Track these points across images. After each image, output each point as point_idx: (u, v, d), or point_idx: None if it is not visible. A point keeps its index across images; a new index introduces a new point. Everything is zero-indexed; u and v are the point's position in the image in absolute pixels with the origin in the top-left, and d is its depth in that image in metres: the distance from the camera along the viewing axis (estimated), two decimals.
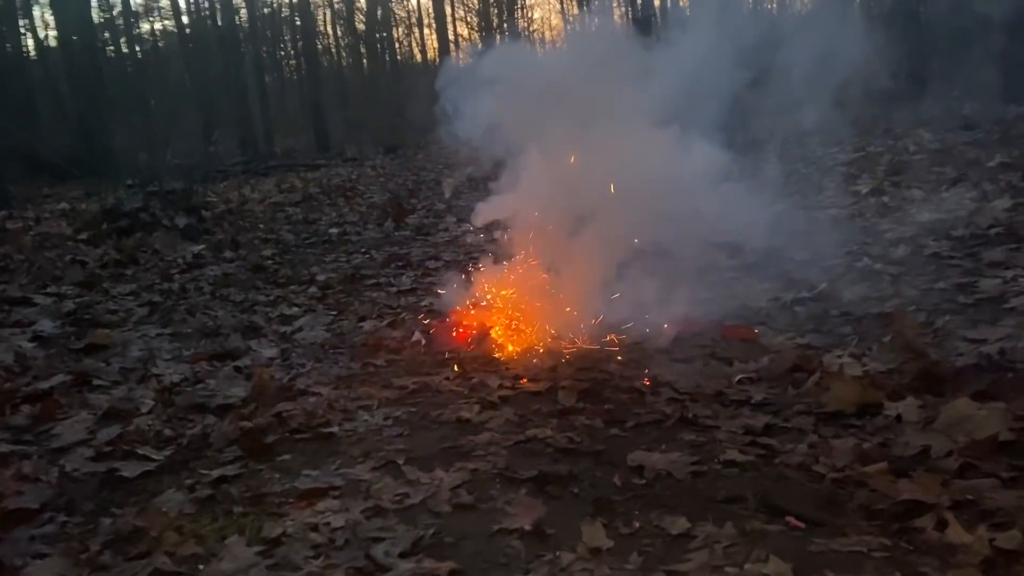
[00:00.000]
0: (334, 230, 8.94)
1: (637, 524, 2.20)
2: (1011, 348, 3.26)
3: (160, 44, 41.51)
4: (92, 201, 12.46)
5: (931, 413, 2.76)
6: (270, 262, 7.14)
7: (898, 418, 2.81)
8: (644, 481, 2.46)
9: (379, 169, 17.87)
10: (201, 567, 2.14)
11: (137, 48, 38.87)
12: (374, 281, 6.02)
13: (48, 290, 6.20)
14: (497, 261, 4.53)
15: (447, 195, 10.48)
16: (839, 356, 3.43)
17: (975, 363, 3.16)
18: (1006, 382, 2.94)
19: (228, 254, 7.65)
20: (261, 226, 9.63)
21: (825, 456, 2.53)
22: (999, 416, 2.60)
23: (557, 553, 2.07)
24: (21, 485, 2.69)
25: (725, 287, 4.81)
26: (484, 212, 4.30)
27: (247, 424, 3.05)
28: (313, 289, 5.85)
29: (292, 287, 6.00)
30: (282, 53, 42.99)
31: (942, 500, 2.20)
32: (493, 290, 4.24)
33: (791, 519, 2.18)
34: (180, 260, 7.37)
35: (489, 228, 5.32)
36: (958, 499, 2.21)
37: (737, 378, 3.32)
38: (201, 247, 7.99)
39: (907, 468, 2.42)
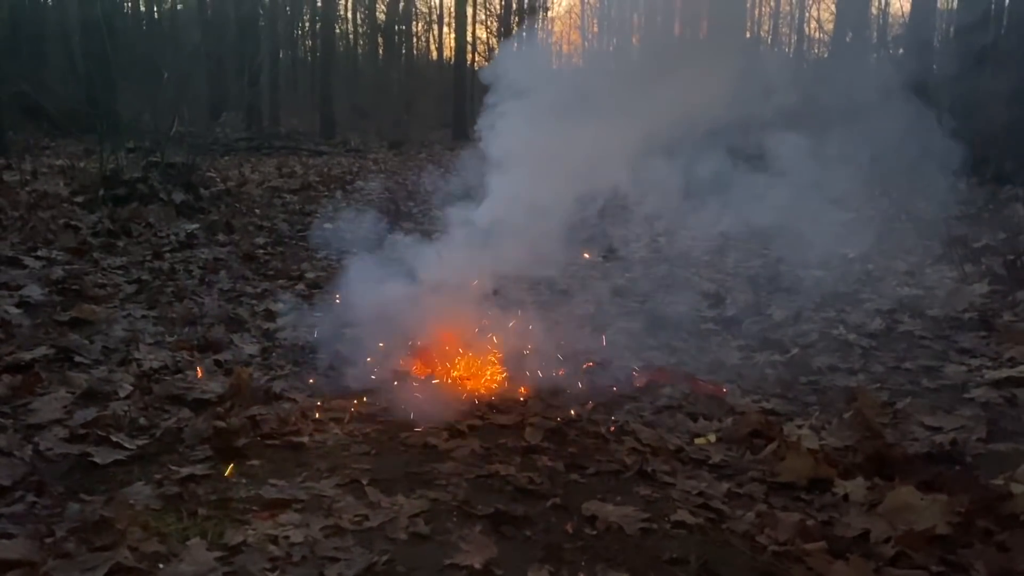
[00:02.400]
0: (329, 225, 9.00)
1: (582, 575, 2.30)
2: (963, 440, 3.39)
3: (179, 6, 41.51)
4: (92, 160, 12.49)
5: (877, 496, 2.88)
6: (262, 251, 7.22)
7: (845, 497, 2.93)
8: (595, 532, 2.56)
9: (381, 164, 17.97)
10: (161, 566, 2.22)
11: (155, 8, 38.88)
12: (363, 284, 6.08)
13: (39, 253, 6.25)
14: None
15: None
16: (800, 426, 3.55)
17: (927, 451, 3.29)
18: (952, 475, 3.07)
19: (221, 237, 7.72)
20: (257, 211, 9.70)
21: (770, 528, 2.64)
22: (940, 508, 2.72)
23: None
24: None
25: (701, 339, 4.93)
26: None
27: (221, 424, 3.13)
28: (301, 287, 5.93)
29: (281, 281, 6.08)
30: (299, 33, 43.05)
31: None
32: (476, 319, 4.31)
33: None
34: (173, 237, 7.43)
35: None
36: None
37: (698, 440, 3.43)
38: (195, 226, 8.05)
39: (845, 550, 2.54)
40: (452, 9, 31.95)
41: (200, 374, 3.78)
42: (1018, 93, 11.50)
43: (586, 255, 6.62)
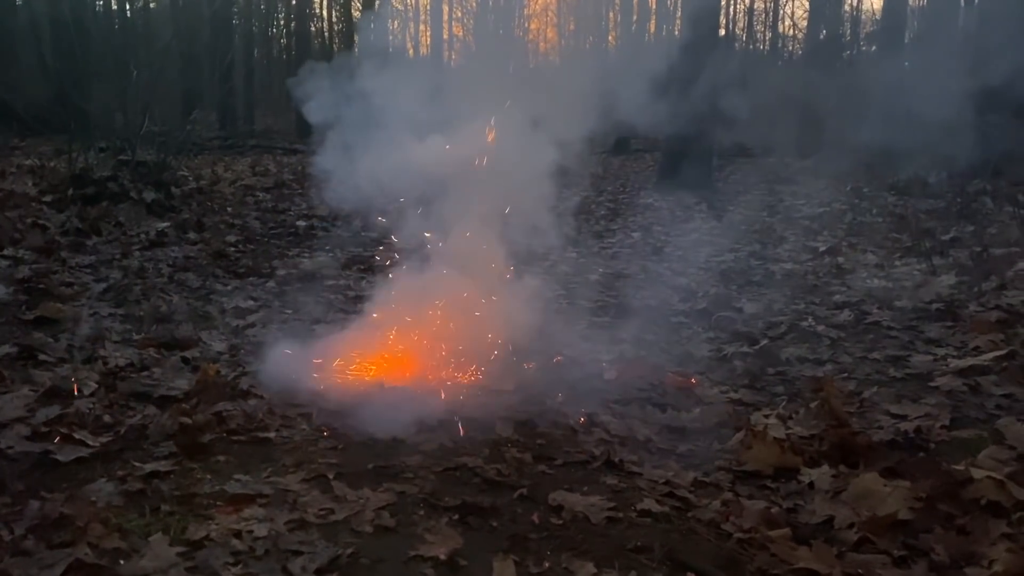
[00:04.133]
0: (301, 223, 8.96)
1: (547, 564, 2.31)
2: (927, 427, 3.43)
3: (152, 4, 41.08)
4: (62, 160, 12.34)
5: (842, 484, 2.91)
6: (233, 249, 7.17)
7: (811, 485, 2.96)
8: (561, 522, 2.56)
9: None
10: (122, 562, 2.20)
11: (127, 6, 38.45)
12: (333, 282, 6.08)
13: (5, 252, 6.16)
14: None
15: None
16: (767, 416, 3.58)
17: (891, 439, 3.32)
18: (915, 461, 3.10)
19: (192, 236, 7.66)
20: (229, 209, 9.63)
21: (736, 515, 2.66)
22: (902, 495, 2.76)
23: None
24: None
25: (672, 331, 4.95)
26: None
27: (186, 420, 3.10)
28: (271, 284, 5.90)
29: (251, 279, 6.04)
30: (273, 31, 42.75)
31: (835, 572, 2.34)
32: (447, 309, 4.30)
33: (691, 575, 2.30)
34: (143, 236, 7.36)
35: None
36: (850, 572, 2.36)
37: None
38: (166, 224, 7.97)
39: (809, 536, 2.56)
40: (428, 7, 31.93)
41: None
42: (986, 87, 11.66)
43: None
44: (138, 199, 8.74)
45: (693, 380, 4.05)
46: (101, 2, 34.13)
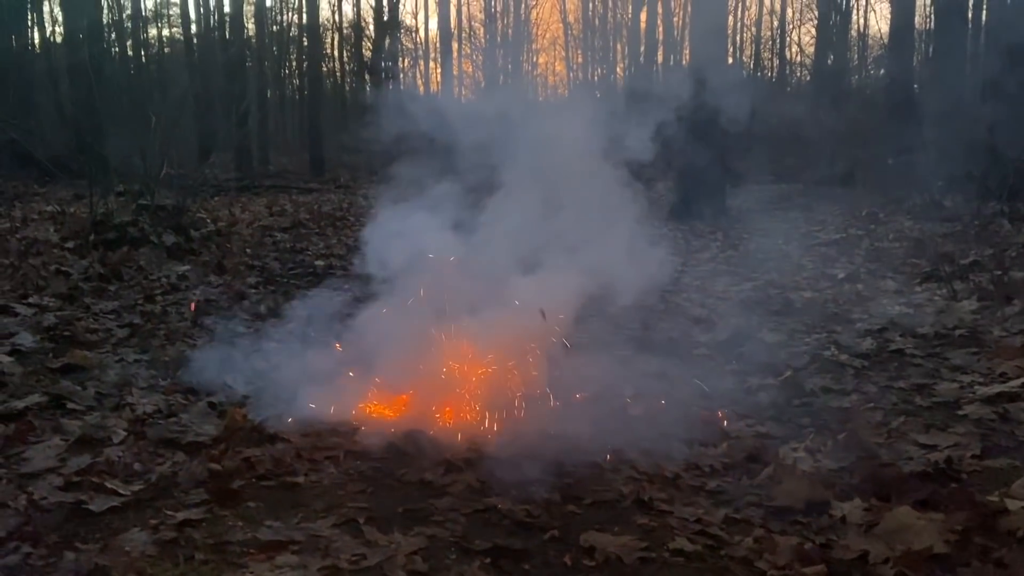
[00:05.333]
0: (320, 262, 9.03)
1: None
2: (958, 457, 3.40)
3: (166, 50, 41.87)
4: (81, 205, 12.52)
5: (875, 517, 2.88)
6: (253, 291, 7.22)
7: (843, 519, 2.93)
8: (594, 563, 2.56)
9: (371, 199, 18.02)
10: None
11: (142, 52, 39.17)
12: (353, 321, 6.08)
13: (30, 300, 6.24)
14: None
15: None
16: (795, 449, 3.56)
17: (922, 470, 3.29)
18: (948, 493, 3.07)
19: (213, 278, 7.73)
20: (248, 251, 9.72)
21: (769, 552, 2.64)
22: (936, 528, 2.73)
23: None
24: None
25: (695, 364, 4.94)
26: None
27: (215, 466, 3.12)
28: (293, 325, 5.92)
29: (273, 320, 6.08)
30: (286, 72, 43.36)
31: None
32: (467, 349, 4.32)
33: None
34: (164, 280, 7.44)
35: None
36: None
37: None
38: (186, 268, 8.06)
39: (844, 572, 2.54)
40: (437, 45, 32.28)
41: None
42: (998, 109, 11.68)
43: None
44: (158, 243, 8.85)
45: (720, 414, 4.03)
46: (116, 48, 34.84)
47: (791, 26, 38.66)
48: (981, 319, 5.58)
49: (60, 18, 28.08)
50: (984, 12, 22.31)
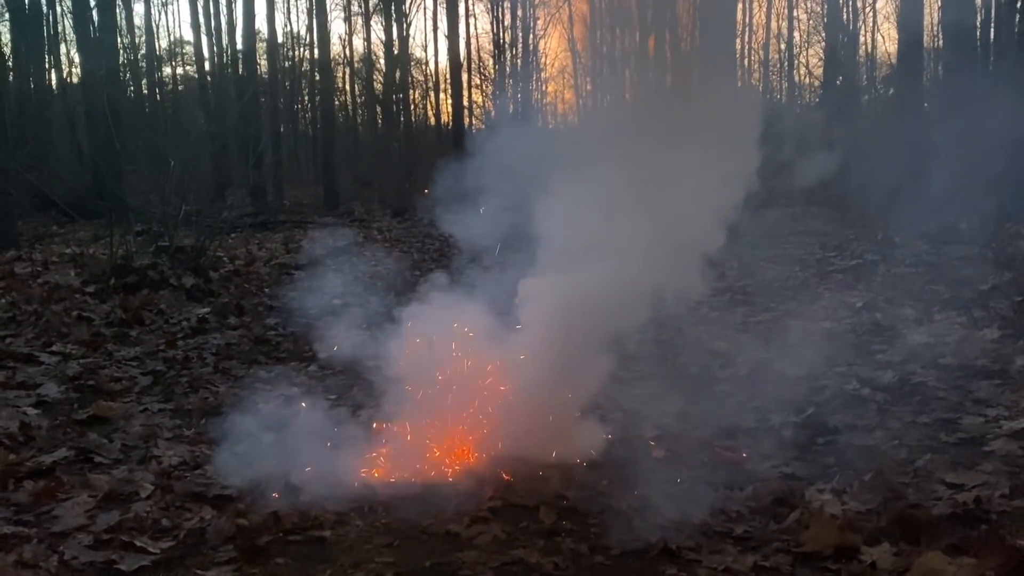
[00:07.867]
0: (337, 301, 9.06)
1: None
2: (986, 497, 3.37)
3: (180, 88, 42.50)
4: (101, 246, 12.66)
5: (905, 562, 2.86)
6: (273, 333, 7.27)
7: (873, 565, 2.91)
8: None
9: (385, 232, 18.13)
10: None
11: (156, 91, 39.76)
12: (373, 363, 6.11)
13: (54, 348, 6.31)
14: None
15: None
16: (821, 491, 3.53)
17: (951, 511, 3.27)
18: (978, 536, 3.04)
19: (232, 320, 7.79)
20: (266, 290, 9.79)
21: None
22: (968, 573, 2.71)
23: None
24: (21, 572, 2.78)
25: (716, 401, 4.93)
26: None
27: (243, 522, 3.14)
28: (313, 368, 5.97)
29: (293, 363, 6.12)
30: (298, 107, 43.84)
31: None
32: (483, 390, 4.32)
33: None
34: (184, 323, 7.50)
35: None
36: None
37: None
38: (206, 310, 8.12)
39: None
40: (448, 76, 32.51)
41: None
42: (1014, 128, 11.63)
43: None
44: (177, 285, 8.94)
45: (744, 455, 4.02)
46: (132, 88, 35.37)
47: (799, 48, 38.77)
48: (1003, 348, 5.54)
49: (77, 59, 28.61)
50: (992, 29, 22.31)
